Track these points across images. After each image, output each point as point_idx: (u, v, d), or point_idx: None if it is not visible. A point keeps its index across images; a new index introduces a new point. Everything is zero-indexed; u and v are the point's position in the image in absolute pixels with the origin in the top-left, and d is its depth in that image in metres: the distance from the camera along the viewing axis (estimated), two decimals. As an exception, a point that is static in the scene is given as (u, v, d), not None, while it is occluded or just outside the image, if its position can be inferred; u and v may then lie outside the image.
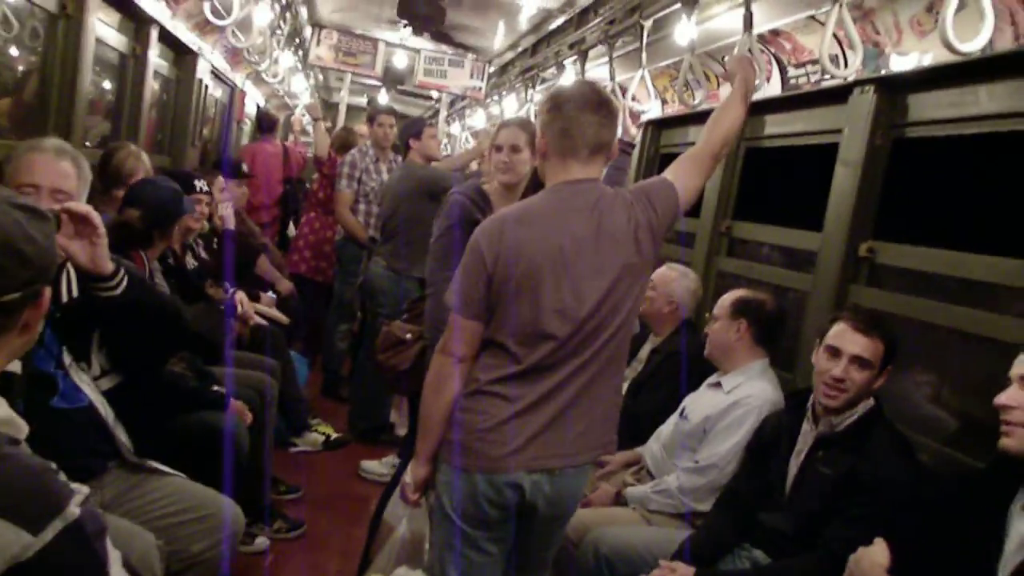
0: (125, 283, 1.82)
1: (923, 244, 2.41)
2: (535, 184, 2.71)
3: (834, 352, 2.03)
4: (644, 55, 3.35)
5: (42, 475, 1.03)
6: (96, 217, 1.68)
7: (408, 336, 2.69)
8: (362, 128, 5.96)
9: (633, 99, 3.61)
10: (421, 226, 2.74)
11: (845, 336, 2.03)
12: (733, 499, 2.25)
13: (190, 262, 3.05)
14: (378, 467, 3.89)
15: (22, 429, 1.09)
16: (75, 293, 1.84)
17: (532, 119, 5.16)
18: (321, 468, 3.95)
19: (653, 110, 4.33)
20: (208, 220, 3.54)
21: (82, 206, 1.70)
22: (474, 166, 4.98)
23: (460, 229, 2.60)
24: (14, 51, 2.86)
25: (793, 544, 2.02)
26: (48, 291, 1.14)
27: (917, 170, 2.59)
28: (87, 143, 3.52)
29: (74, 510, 1.01)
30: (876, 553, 1.68)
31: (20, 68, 2.95)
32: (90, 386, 1.96)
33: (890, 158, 2.59)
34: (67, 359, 1.90)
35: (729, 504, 2.26)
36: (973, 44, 1.78)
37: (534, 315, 1.77)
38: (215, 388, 2.67)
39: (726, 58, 2.32)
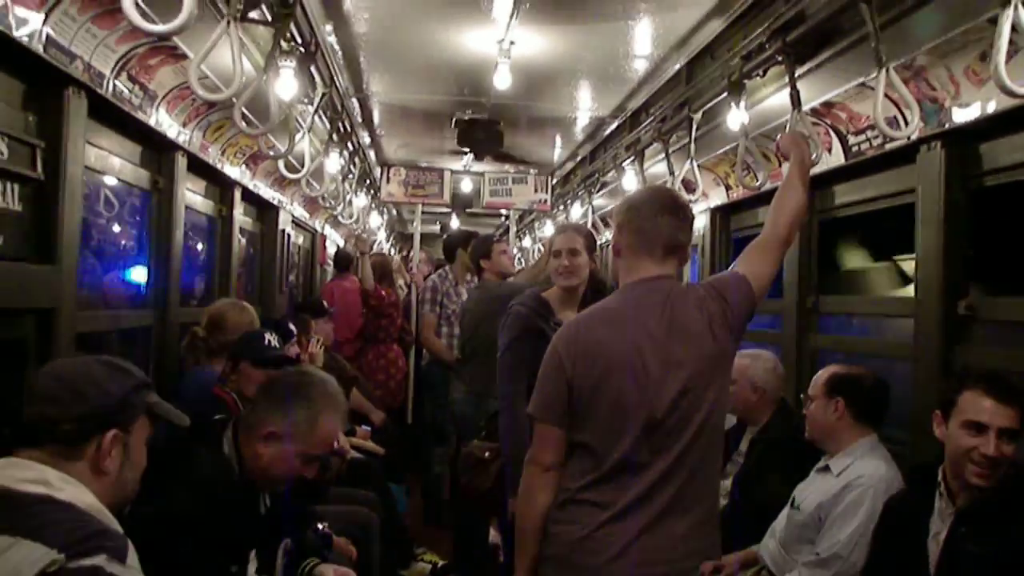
0: None
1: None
2: (593, 285, 2.73)
3: (978, 428, 1.85)
4: (692, 147, 3.41)
5: None
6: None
7: (487, 455, 2.66)
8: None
9: (681, 188, 3.66)
10: None
11: (987, 408, 1.84)
12: None
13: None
14: (486, 593, 3.77)
15: None
16: None
17: (592, 225, 5.25)
18: (429, 599, 3.87)
19: (718, 197, 4.35)
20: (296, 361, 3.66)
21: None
22: None
23: (524, 340, 2.61)
24: (116, 227, 3.14)
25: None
26: (113, 437, 1.20)
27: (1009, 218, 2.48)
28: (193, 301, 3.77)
29: None
30: None
31: (123, 242, 3.22)
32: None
33: (974, 209, 2.49)
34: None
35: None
36: (1034, 85, 1.73)
37: (614, 412, 1.75)
38: (318, 527, 2.67)
39: (779, 136, 2.32)
